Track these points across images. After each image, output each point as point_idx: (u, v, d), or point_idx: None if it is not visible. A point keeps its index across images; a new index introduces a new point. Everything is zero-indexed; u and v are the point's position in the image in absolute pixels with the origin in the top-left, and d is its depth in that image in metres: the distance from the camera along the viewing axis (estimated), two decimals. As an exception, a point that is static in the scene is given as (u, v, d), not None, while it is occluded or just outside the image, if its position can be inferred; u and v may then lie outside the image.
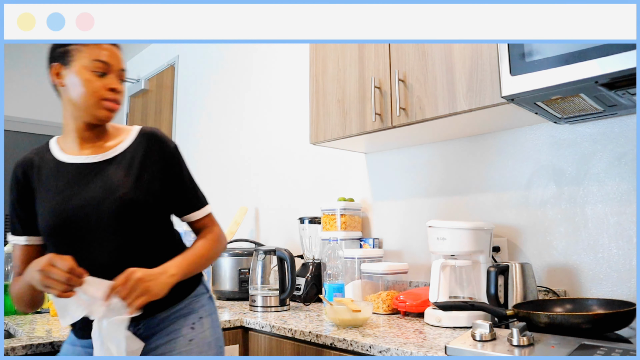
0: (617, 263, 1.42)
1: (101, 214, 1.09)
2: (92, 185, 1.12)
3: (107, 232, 1.10)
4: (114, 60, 1.14)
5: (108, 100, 1.12)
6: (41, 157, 1.18)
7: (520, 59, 1.20)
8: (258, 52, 2.83)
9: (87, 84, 1.11)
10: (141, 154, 1.17)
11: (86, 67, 1.11)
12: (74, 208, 1.10)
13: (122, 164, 1.15)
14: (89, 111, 1.12)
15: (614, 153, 1.44)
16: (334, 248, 1.94)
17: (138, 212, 1.12)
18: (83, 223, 1.10)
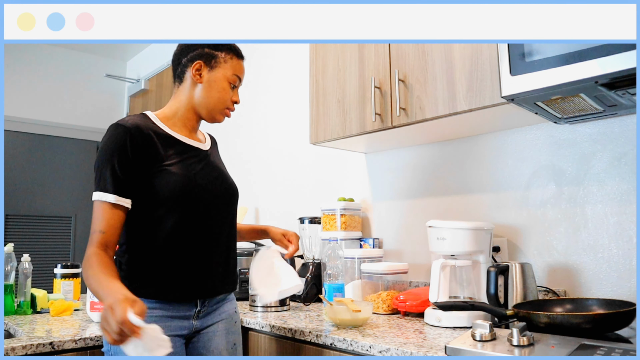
0: (617, 263, 1.42)
1: (225, 192, 1.30)
2: (211, 167, 1.31)
3: (230, 206, 1.32)
4: (242, 74, 1.34)
5: (229, 109, 1.32)
6: (150, 127, 1.22)
7: (520, 59, 1.20)
8: (258, 52, 2.83)
9: (222, 92, 1.28)
10: (218, 152, 1.45)
11: (227, 77, 1.28)
12: (203, 182, 1.24)
13: (216, 157, 1.39)
14: (211, 113, 1.29)
15: (614, 153, 1.44)
16: (334, 248, 1.94)
17: (238, 195, 1.38)
18: (209, 196, 1.24)
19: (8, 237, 3.51)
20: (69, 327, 1.53)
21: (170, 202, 1.18)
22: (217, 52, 1.28)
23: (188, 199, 1.20)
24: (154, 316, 1.17)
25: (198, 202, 1.22)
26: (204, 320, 1.27)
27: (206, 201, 1.24)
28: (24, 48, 3.81)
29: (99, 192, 1.15)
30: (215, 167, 1.32)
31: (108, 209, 1.14)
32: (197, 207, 1.22)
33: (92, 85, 4.11)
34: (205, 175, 1.26)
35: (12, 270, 1.77)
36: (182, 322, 1.22)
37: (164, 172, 1.19)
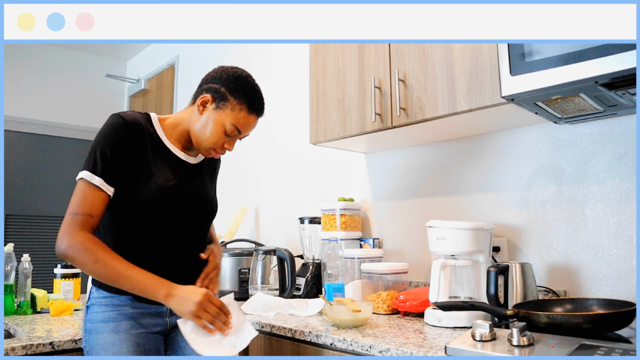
0: (617, 263, 1.42)
1: (200, 208, 1.30)
2: (194, 182, 1.31)
3: (196, 224, 1.30)
4: (246, 130, 1.29)
5: (216, 152, 1.29)
6: (147, 129, 1.24)
7: (520, 59, 1.20)
8: (258, 52, 2.83)
9: (214, 135, 1.25)
10: (213, 163, 1.43)
11: (224, 124, 1.24)
12: (181, 193, 1.25)
13: (206, 172, 1.38)
14: (198, 146, 1.28)
15: (614, 153, 1.44)
16: (334, 248, 1.94)
17: (215, 212, 1.37)
18: (183, 209, 1.25)
19: (8, 237, 3.51)
20: (69, 327, 1.53)
21: (140, 206, 1.19)
22: (231, 96, 1.24)
23: (157, 208, 1.20)
24: (126, 313, 1.19)
25: (166, 214, 1.22)
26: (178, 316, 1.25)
27: (174, 215, 1.24)
28: (24, 48, 3.81)
29: (87, 171, 1.14)
30: (196, 184, 1.31)
31: (94, 191, 1.14)
32: (164, 218, 1.22)
33: (92, 85, 4.11)
34: (182, 188, 1.26)
35: (12, 270, 1.77)
36: (156, 320, 1.23)
37: (145, 174, 1.20)
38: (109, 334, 1.17)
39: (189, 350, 1.20)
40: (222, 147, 1.28)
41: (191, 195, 1.28)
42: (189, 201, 1.27)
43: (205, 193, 1.33)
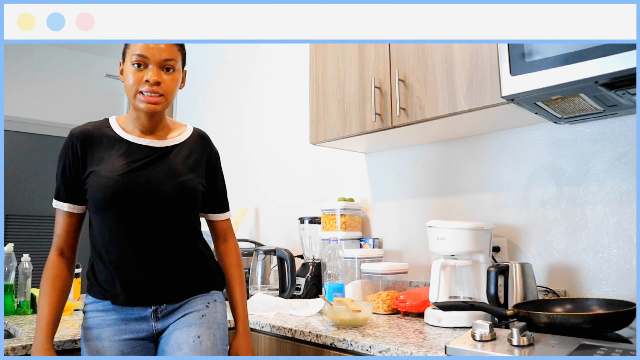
0: (617, 263, 1.42)
1: (162, 194, 1.18)
2: (155, 166, 1.21)
3: (162, 212, 1.19)
4: (152, 53, 1.15)
5: (144, 92, 1.16)
6: (101, 131, 1.22)
7: (520, 59, 1.20)
8: (258, 52, 2.83)
9: (129, 77, 1.16)
10: (197, 150, 1.30)
11: (131, 61, 1.16)
12: (137, 183, 1.17)
13: (180, 153, 1.26)
14: (133, 103, 1.19)
15: (614, 153, 1.44)
16: (334, 248, 1.94)
17: (190, 200, 1.23)
18: (143, 199, 1.17)
19: (8, 237, 3.51)
20: (69, 327, 1.53)
21: (94, 205, 1.18)
22: (127, 45, 1.19)
23: (107, 202, 1.16)
24: (110, 319, 1.18)
25: (118, 205, 1.16)
26: (166, 320, 1.21)
27: (130, 204, 1.16)
28: (24, 48, 3.81)
29: (54, 199, 1.23)
30: (160, 168, 1.21)
31: (60, 214, 1.22)
32: (117, 210, 1.17)
33: (92, 85, 4.11)
34: (140, 175, 1.18)
35: (12, 270, 1.77)
36: (140, 325, 1.19)
37: (94, 174, 1.18)
38: (94, 341, 1.17)
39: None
40: (144, 82, 1.15)
41: (155, 179, 1.19)
42: (151, 186, 1.18)
43: (171, 177, 1.21)
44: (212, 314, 1.24)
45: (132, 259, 1.18)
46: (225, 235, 1.39)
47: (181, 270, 1.23)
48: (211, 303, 1.26)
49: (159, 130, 1.26)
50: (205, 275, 1.28)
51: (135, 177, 1.17)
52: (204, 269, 1.28)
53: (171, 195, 1.19)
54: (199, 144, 1.31)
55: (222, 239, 1.38)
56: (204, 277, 1.27)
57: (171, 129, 1.30)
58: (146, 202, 1.17)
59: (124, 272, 1.18)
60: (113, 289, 1.18)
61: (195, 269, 1.26)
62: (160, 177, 1.20)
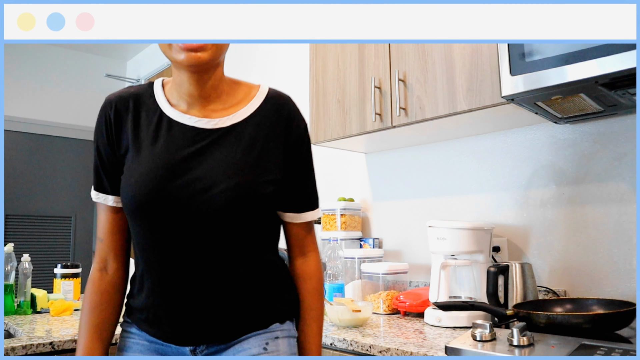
0: (617, 263, 1.42)
1: (208, 202, 0.84)
2: (202, 161, 0.87)
3: (208, 226, 0.85)
4: None
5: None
6: (140, 100, 0.92)
7: (520, 59, 1.20)
8: (258, 52, 2.83)
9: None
10: (267, 129, 0.91)
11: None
12: (174, 187, 0.85)
13: (242, 138, 0.89)
14: (172, 60, 0.87)
15: (614, 153, 1.44)
16: (334, 248, 1.94)
17: (251, 208, 0.87)
18: (182, 209, 0.84)
19: (8, 237, 3.51)
20: (69, 327, 1.53)
21: (123, 206, 0.90)
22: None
23: (134, 210, 0.87)
24: (140, 344, 0.93)
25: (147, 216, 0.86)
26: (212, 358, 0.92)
27: (163, 216, 0.85)
28: (24, 48, 3.81)
29: (92, 190, 0.94)
30: (209, 163, 0.87)
31: (102, 210, 0.93)
32: (145, 222, 0.87)
33: (92, 85, 4.11)
34: (179, 175, 0.86)
35: (12, 270, 1.78)
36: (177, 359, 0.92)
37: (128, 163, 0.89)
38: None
39: None
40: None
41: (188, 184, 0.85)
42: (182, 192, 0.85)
43: (217, 178, 0.86)
44: (271, 354, 0.90)
45: (164, 282, 0.88)
46: (303, 247, 1.00)
47: (231, 303, 0.89)
48: (271, 342, 0.91)
49: (213, 101, 0.91)
50: (267, 305, 0.92)
51: (172, 179, 0.85)
52: (266, 297, 0.92)
53: (221, 204, 0.85)
54: (273, 117, 0.92)
55: (299, 251, 1.00)
56: (265, 307, 0.92)
57: (233, 96, 0.93)
58: (186, 213, 0.85)
59: (151, 296, 0.90)
60: (141, 313, 0.92)
61: (254, 299, 0.91)
62: (207, 177, 0.86)
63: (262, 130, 0.91)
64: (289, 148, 0.93)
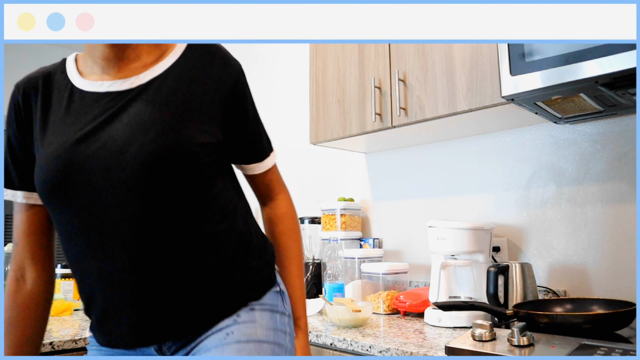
0: (617, 263, 1.42)
1: (124, 165, 0.73)
2: (117, 122, 0.76)
3: (136, 192, 0.73)
4: None
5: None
6: (50, 78, 0.84)
7: (520, 59, 1.20)
8: (258, 52, 2.83)
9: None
10: (197, 76, 0.81)
11: None
12: (84, 155, 0.74)
13: (161, 91, 0.79)
14: None
15: (614, 153, 1.44)
16: (334, 248, 1.94)
17: (184, 159, 0.75)
18: (97, 178, 0.74)
19: (8, 237, 3.50)
20: (69, 327, 1.53)
21: (40, 195, 0.78)
22: None
23: (47, 193, 0.76)
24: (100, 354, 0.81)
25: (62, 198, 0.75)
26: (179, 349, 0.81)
27: (78, 193, 0.74)
28: (24, 48, 3.81)
29: (5, 188, 0.83)
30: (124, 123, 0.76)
31: (16, 209, 0.84)
32: (63, 205, 0.75)
33: (92, 85, 4.10)
34: (93, 142, 0.75)
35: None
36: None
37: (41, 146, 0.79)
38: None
39: None
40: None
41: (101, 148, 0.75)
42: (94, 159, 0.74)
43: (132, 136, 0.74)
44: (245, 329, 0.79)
45: (102, 275, 0.75)
46: (270, 192, 0.95)
47: (184, 286, 0.76)
48: (244, 314, 0.81)
49: (132, 61, 0.82)
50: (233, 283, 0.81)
51: (83, 150, 0.74)
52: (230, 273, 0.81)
53: (141, 162, 0.73)
54: (197, 65, 0.83)
55: (267, 198, 0.95)
56: (231, 285, 0.81)
57: (149, 54, 0.84)
58: (105, 183, 0.73)
59: (93, 297, 0.78)
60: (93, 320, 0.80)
61: (212, 277, 0.79)
62: (121, 137, 0.74)
63: (185, 80, 0.81)
64: (224, 97, 0.83)
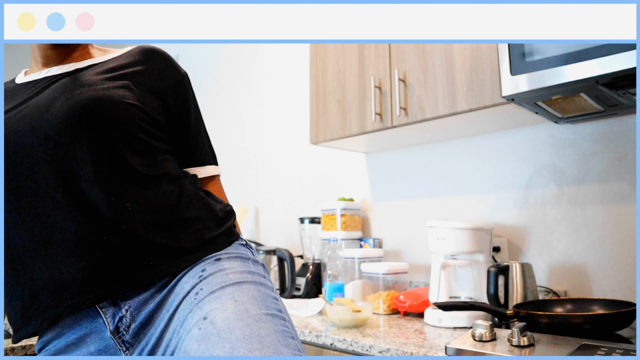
0: (617, 263, 1.42)
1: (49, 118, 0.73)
2: (45, 92, 0.78)
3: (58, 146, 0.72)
4: None
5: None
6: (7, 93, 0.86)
7: (520, 58, 1.20)
8: (258, 52, 2.83)
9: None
10: (132, 66, 0.85)
11: None
12: (17, 130, 0.73)
13: (97, 72, 0.82)
14: None
15: (615, 153, 1.44)
16: (334, 248, 1.94)
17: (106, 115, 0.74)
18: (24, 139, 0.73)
19: None
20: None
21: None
22: None
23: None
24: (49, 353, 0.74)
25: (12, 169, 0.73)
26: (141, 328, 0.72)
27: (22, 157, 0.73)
28: (24, 48, 3.81)
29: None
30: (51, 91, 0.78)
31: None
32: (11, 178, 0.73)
33: (92, 85, 4.10)
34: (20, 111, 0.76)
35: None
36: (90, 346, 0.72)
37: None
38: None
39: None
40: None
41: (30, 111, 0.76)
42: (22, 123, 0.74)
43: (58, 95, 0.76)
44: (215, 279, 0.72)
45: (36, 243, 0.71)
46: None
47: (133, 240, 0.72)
48: (209, 266, 0.75)
49: (76, 60, 0.86)
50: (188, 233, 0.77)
51: (12, 116, 0.75)
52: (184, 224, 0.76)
53: (62, 117, 0.72)
54: (138, 58, 0.86)
55: None
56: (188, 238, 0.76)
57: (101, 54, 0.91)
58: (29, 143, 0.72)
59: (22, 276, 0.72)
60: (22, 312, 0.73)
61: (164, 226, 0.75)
62: (47, 98, 0.76)
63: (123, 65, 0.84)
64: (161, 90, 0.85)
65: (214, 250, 0.78)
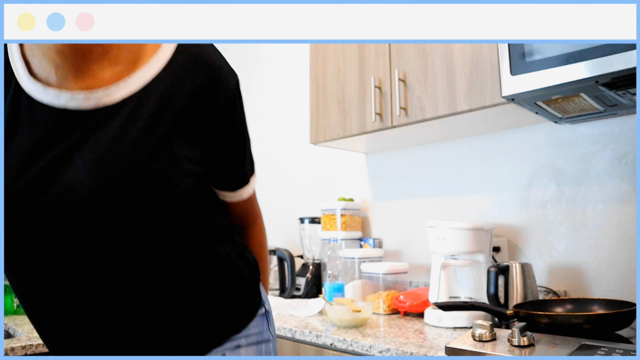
0: (617, 263, 1.42)
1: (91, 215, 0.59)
2: (74, 165, 0.59)
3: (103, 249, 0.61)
4: None
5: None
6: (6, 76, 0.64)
7: (520, 58, 1.20)
8: (258, 52, 2.83)
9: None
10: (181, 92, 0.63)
11: None
12: (45, 201, 0.59)
13: (139, 115, 0.61)
14: None
15: (615, 153, 1.44)
16: (334, 248, 1.94)
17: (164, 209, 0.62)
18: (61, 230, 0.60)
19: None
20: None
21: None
22: None
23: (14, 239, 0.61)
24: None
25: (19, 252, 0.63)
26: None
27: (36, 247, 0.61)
28: (24, 48, 3.81)
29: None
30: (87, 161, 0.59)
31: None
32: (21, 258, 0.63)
33: (92, 85, 4.10)
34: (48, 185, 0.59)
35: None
36: None
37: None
38: None
39: None
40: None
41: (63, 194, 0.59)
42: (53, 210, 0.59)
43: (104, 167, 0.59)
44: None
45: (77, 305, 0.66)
46: (242, 222, 0.89)
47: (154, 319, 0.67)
48: (229, 352, 0.74)
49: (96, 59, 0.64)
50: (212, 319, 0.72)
51: (39, 195, 0.59)
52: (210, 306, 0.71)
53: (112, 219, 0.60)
54: (185, 77, 0.65)
55: (239, 226, 0.89)
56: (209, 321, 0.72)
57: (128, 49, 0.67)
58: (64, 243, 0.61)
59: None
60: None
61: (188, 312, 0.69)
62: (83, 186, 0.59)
63: (172, 94, 0.62)
64: (214, 119, 0.66)
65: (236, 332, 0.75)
